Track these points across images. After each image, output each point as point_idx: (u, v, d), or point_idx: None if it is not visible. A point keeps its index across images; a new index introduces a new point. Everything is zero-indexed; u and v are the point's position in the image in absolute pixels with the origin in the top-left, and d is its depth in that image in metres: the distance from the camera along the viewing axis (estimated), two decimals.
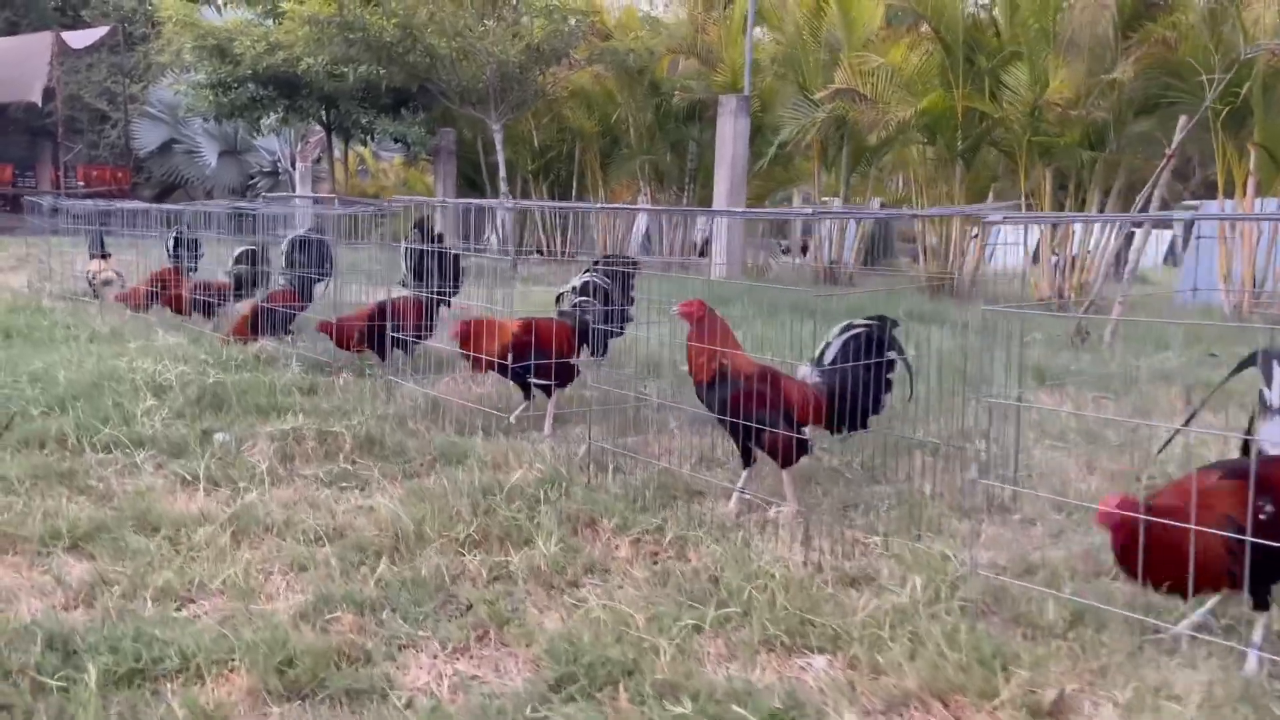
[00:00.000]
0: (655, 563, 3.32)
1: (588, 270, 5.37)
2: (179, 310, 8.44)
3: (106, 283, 10.03)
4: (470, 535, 3.37)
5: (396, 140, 23.34)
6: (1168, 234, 26.81)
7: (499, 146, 17.21)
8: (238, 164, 35.51)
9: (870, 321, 4.11)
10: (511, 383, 5.29)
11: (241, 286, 8.59)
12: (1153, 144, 13.81)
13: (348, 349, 6.27)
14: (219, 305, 8.47)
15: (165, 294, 8.55)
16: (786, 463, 3.83)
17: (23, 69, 30.24)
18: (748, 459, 3.90)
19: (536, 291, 10.12)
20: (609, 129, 20.81)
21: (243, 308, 7.98)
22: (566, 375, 5.26)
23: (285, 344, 6.84)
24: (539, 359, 5.02)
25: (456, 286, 6.49)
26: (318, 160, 30.09)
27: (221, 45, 20.63)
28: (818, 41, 15.89)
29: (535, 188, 22.27)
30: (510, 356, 5.05)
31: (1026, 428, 4.35)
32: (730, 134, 15.25)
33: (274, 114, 22.29)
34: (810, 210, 9.84)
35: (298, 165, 29.88)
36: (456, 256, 6.50)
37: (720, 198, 15.51)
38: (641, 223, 21.56)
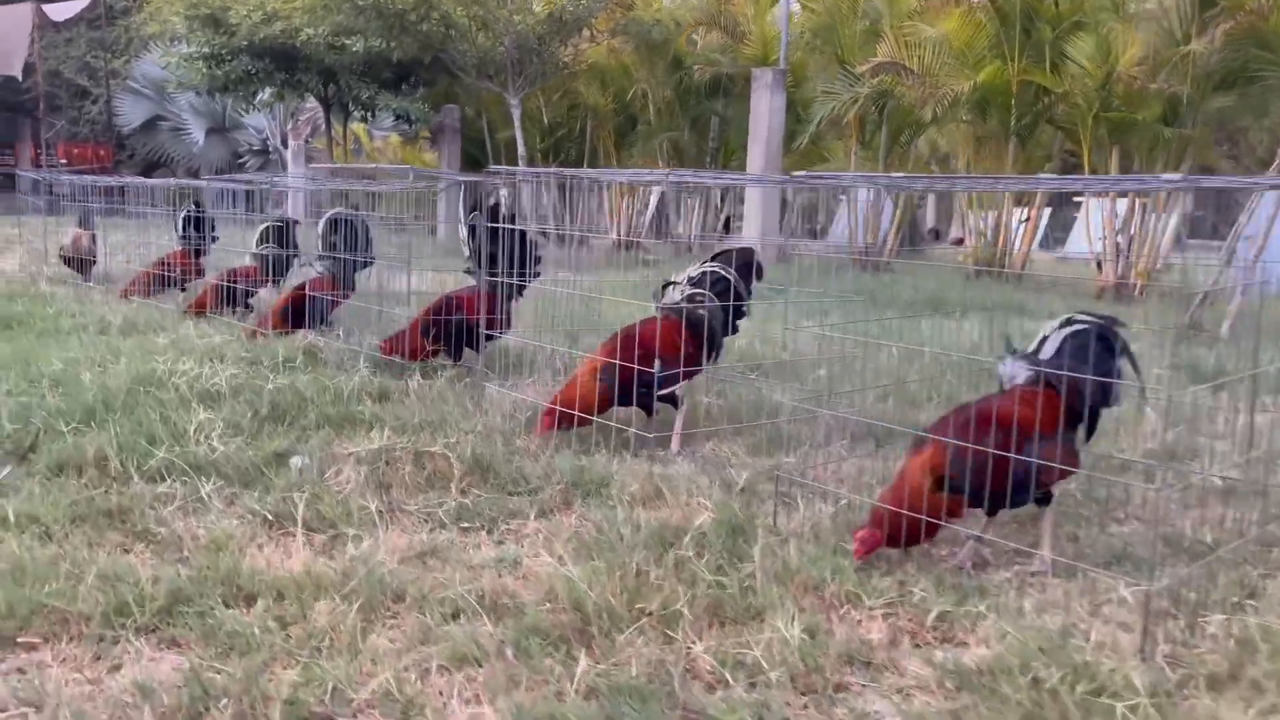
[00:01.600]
0: (918, 645, 2.53)
1: (712, 259, 4.51)
2: (204, 308, 7.50)
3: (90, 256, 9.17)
4: (675, 610, 2.55)
5: (399, 117, 22.35)
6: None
7: (516, 122, 16.30)
8: (226, 142, 34.37)
9: (1095, 319, 3.32)
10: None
11: (274, 271, 7.71)
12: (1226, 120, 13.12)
13: (420, 358, 5.40)
14: (251, 295, 7.60)
15: (195, 300, 7.61)
16: (1049, 498, 3.04)
17: (2, 42, 28.97)
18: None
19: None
20: (625, 105, 19.90)
21: (271, 295, 7.14)
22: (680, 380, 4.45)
23: (332, 338, 5.97)
24: (662, 369, 4.19)
25: (533, 272, 5.63)
26: (307, 140, 29.01)
27: (215, 15, 19.58)
28: (854, 11, 15.03)
29: (544, 167, 21.37)
30: (616, 390, 4.24)
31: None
32: (765, 109, 14.40)
33: (269, 88, 21.23)
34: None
35: (290, 143, 28.75)
36: (534, 239, 5.65)
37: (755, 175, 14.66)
38: (653, 200, 20.67)
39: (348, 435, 4.14)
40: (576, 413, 4.17)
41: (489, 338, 5.51)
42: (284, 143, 31.63)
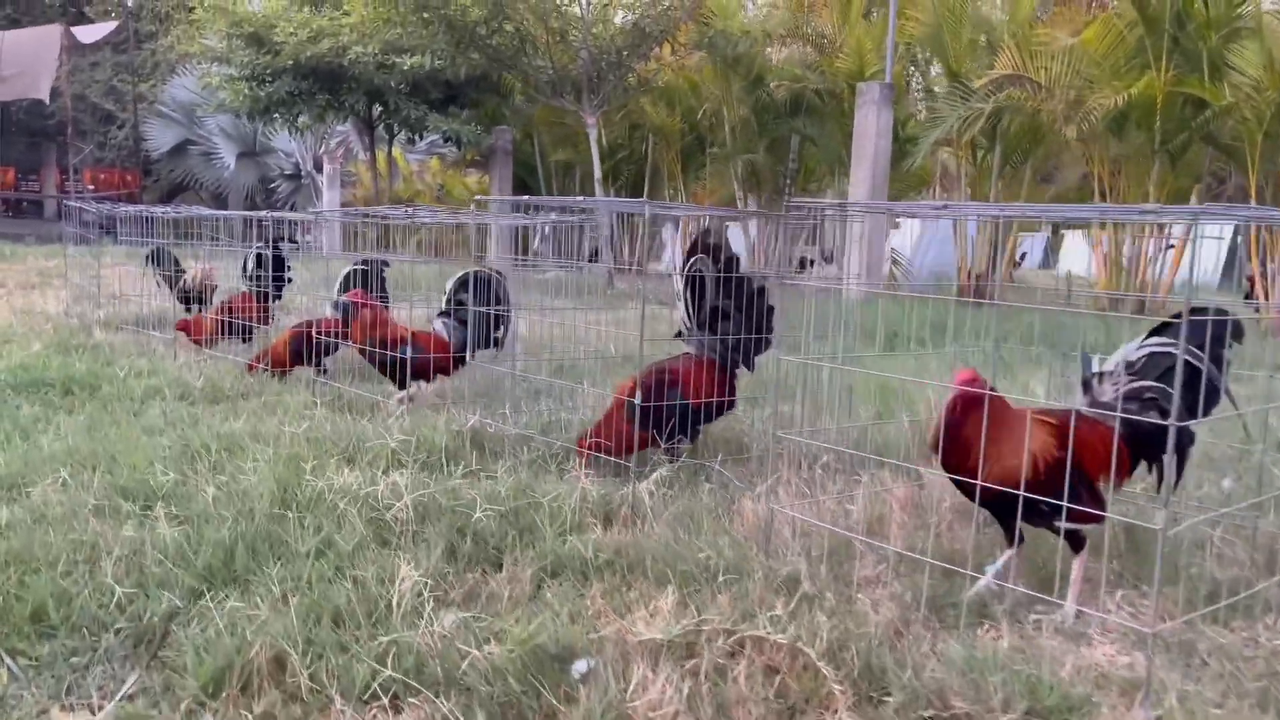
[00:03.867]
0: None
1: (1157, 331, 3.10)
2: (281, 365, 6.28)
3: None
4: None
5: (448, 139, 21.22)
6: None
7: (593, 142, 15.06)
8: (257, 166, 33.43)
9: None
10: (996, 519, 3.09)
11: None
12: None
13: (635, 450, 4.08)
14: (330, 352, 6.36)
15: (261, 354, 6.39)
16: None
17: (30, 64, 28.01)
18: None
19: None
20: (693, 125, 18.69)
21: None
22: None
23: (498, 418, 4.67)
24: (1074, 484, 2.84)
25: (766, 335, 4.33)
26: (341, 164, 27.92)
27: (259, 34, 18.52)
28: (957, 19, 13.73)
29: (603, 191, 20.21)
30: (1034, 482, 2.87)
31: None
32: (873, 128, 13.11)
33: (312, 109, 20.08)
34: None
35: (325, 167, 27.70)
36: (763, 289, 4.34)
37: (860, 199, 13.36)
38: (737, 234, 19.34)
39: (609, 598, 2.83)
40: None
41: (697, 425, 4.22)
42: (318, 167, 30.69)
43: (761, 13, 17.12)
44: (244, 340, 7.33)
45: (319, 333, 6.20)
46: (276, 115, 20.14)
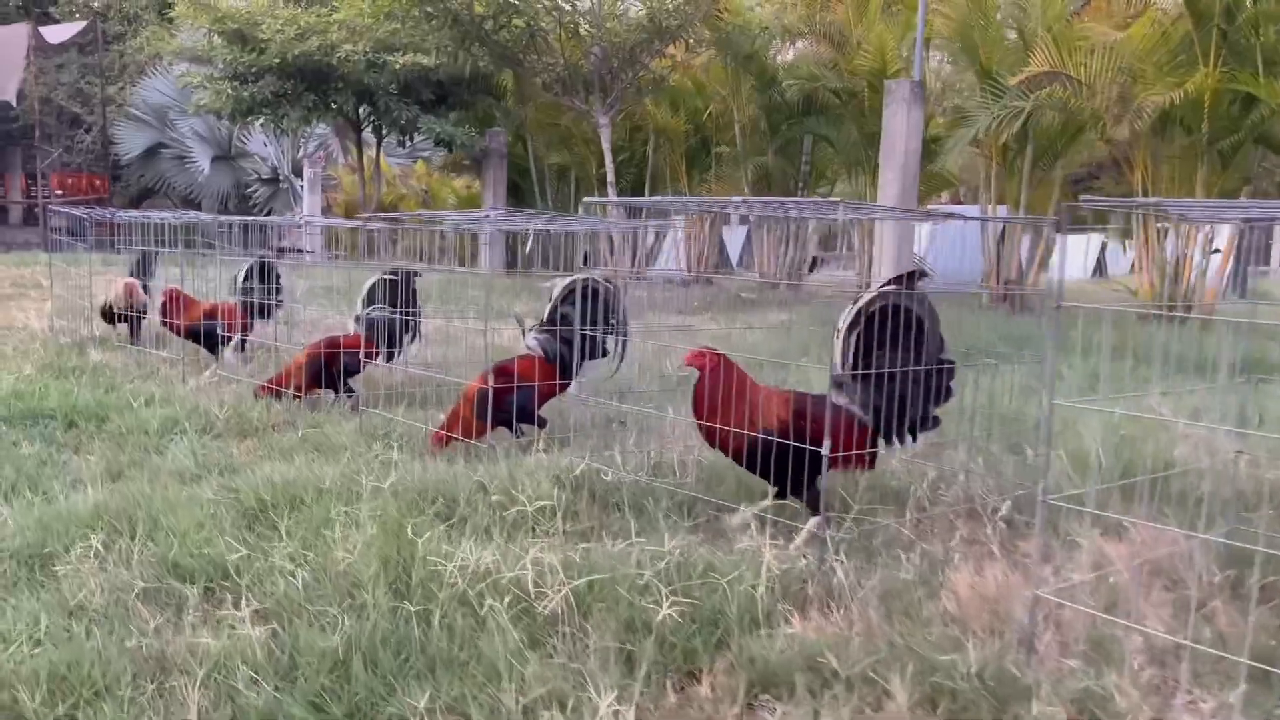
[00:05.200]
0: None
1: None
2: (301, 387, 5.52)
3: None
4: None
5: (439, 141, 20.42)
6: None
7: (605, 143, 14.32)
8: (232, 170, 32.38)
9: None
10: None
11: (385, 340, 5.78)
12: None
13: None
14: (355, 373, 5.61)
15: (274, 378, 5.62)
16: None
17: None
18: None
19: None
20: (698, 127, 18.01)
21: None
22: None
23: (608, 462, 3.93)
24: None
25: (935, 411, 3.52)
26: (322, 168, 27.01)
27: (243, 31, 17.65)
28: (984, 14, 13.12)
29: (601, 195, 19.46)
30: None
31: None
32: (903, 127, 12.47)
33: (298, 110, 19.14)
34: None
35: (305, 171, 26.80)
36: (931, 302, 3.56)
37: (889, 203, 12.74)
38: (738, 234, 18.63)
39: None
40: None
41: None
42: (296, 171, 29.76)
43: (768, 10, 16.41)
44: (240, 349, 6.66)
45: (344, 350, 5.47)
46: (260, 116, 19.27)
